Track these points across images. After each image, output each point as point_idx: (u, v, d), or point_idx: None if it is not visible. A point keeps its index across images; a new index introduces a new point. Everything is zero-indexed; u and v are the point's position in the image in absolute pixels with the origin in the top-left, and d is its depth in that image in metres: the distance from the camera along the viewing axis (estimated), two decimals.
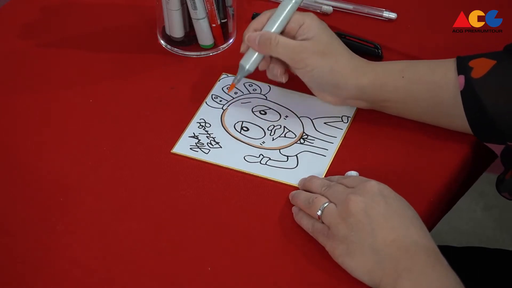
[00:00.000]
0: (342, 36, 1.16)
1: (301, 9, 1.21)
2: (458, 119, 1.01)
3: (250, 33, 1.05)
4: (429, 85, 1.02)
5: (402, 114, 1.05)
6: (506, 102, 0.99)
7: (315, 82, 1.04)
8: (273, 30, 1.05)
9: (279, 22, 1.05)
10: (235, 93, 1.12)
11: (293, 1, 1.05)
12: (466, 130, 1.02)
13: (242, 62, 1.06)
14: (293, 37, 1.05)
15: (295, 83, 1.11)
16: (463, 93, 1.00)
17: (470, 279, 0.91)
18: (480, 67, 1.00)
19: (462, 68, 1.00)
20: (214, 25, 1.15)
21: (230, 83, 1.10)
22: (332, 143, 1.06)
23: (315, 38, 1.03)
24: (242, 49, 1.07)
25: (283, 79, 1.07)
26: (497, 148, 1.02)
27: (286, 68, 1.07)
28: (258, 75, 1.13)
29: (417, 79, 1.03)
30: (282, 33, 1.05)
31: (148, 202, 0.99)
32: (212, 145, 1.05)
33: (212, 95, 1.11)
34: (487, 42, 1.15)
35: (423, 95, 1.02)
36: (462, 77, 1.00)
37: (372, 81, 1.03)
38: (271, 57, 1.06)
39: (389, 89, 1.03)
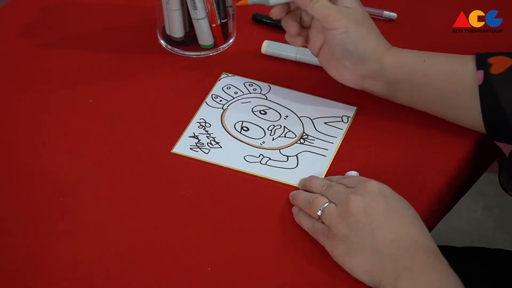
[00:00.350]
0: None
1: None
2: (470, 113, 1.02)
3: None
4: (448, 73, 1.03)
5: (414, 101, 1.05)
6: None
7: (342, 48, 1.03)
8: None
9: None
10: (235, 92, 1.12)
11: None
12: (475, 125, 1.02)
13: None
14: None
15: (295, 83, 1.12)
16: (481, 87, 1.00)
17: (470, 279, 0.91)
18: (499, 64, 1.00)
19: (482, 63, 1.01)
20: (214, 25, 1.15)
21: (231, 84, 1.11)
22: (332, 143, 1.06)
23: (353, 9, 1.03)
24: None
25: (300, 42, 1.05)
26: (506, 148, 1.02)
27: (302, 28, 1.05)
28: (258, 74, 1.13)
29: (437, 65, 1.03)
30: None
31: (148, 202, 0.99)
32: (212, 145, 1.05)
33: (212, 95, 1.11)
34: (487, 42, 1.15)
35: (440, 82, 1.03)
36: (481, 72, 1.00)
37: (394, 59, 1.03)
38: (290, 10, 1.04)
39: (408, 71, 1.03)
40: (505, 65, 1.00)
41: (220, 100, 1.11)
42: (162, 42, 1.18)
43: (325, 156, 1.04)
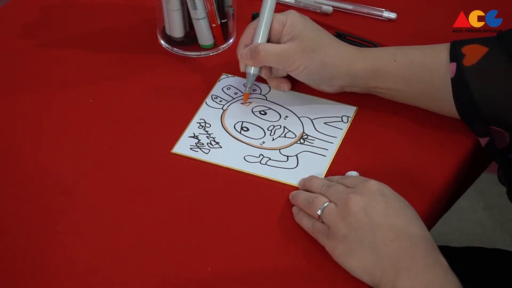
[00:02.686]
0: (342, 36, 1.16)
1: (300, 10, 1.21)
2: (447, 103, 1.03)
3: (241, 50, 1.07)
4: (419, 67, 1.03)
5: (396, 97, 1.06)
6: (493, 90, 1.00)
7: (310, 78, 1.06)
8: (260, 40, 1.06)
9: (262, 30, 1.06)
10: (235, 93, 1.12)
11: (268, 3, 1.06)
12: (455, 114, 1.03)
13: (246, 69, 1.08)
14: (279, 39, 1.06)
15: (295, 83, 1.11)
16: (454, 80, 1.01)
17: (469, 279, 0.91)
18: (473, 54, 1.01)
19: (455, 55, 1.02)
20: (214, 25, 1.15)
21: (231, 84, 1.12)
22: (332, 143, 1.06)
23: (300, 36, 1.04)
24: (241, 68, 1.08)
25: (286, 88, 1.09)
26: (483, 141, 1.03)
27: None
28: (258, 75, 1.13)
29: (408, 61, 1.04)
30: (270, 38, 1.07)
31: (148, 202, 0.99)
32: (212, 145, 1.05)
33: (212, 95, 1.11)
34: None
35: (414, 77, 1.03)
36: (454, 65, 1.01)
37: (364, 67, 1.04)
38: None
39: (381, 74, 1.04)
40: (478, 55, 1.01)
41: (220, 101, 1.11)
42: (162, 42, 1.18)
43: (325, 156, 1.04)
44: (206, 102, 1.10)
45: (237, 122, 1.08)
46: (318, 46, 1.04)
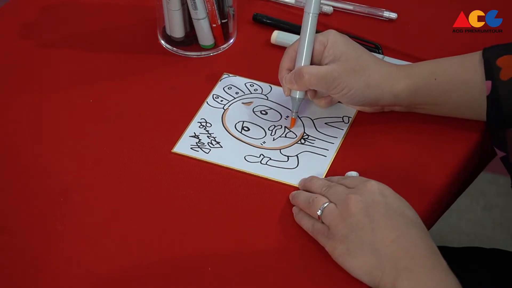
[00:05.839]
0: None
1: (300, 9, 1.21)
2: (482, 111, 1.03)
3: (285, 75, 1.04)
4: (460, 84, 1.03)
5: (433, 112, 1.06)
6: None
7: (355, 101, 1.04)
8: (303, 63, 1.04)
9: (305, 52, 1.04)
10: (236, 93, 1.12)
11: (309, 24, 1.04)
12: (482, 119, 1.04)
13: (291, 94, 1.05)
14: (320, 61, 1.04)
15: None
16: (489, 97, 1.01)
17: (469, 279, 0.91)
18: (509, 67, 1.00)
19: (490, 70, 1.01)
20: (214, 25, 1.15)
21: (232, 84, 1.11)
22: (333, 143, 1.06)
23: (342, 57, 1.02)
24: (285, 93, 1.06)
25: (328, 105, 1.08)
26: (499, 153, 1.03)
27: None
28: (258, 75, 1.13)
29: (449, 79, 1.03)
30: (311, 60, 1.04)
31: (148, 202, 0.99)
32: (213, 145, 1.05)
33: (213, 95, 1.11)
34: (487, 42, 1.15)
35: (454, 94, 1.03)
36: (489, 83, 1.01)
37: (406, 86, 1.03)
38: None
39: (423, 93, 1.04)
40: None
41: (221, 100, 1.11)
42: (162, 42, 1.18)
43: (325, 156, 1.04)
44: (207, 102, 1.10)
45: (238, 122, 1.08)
46: (361, 67, 1.02)
